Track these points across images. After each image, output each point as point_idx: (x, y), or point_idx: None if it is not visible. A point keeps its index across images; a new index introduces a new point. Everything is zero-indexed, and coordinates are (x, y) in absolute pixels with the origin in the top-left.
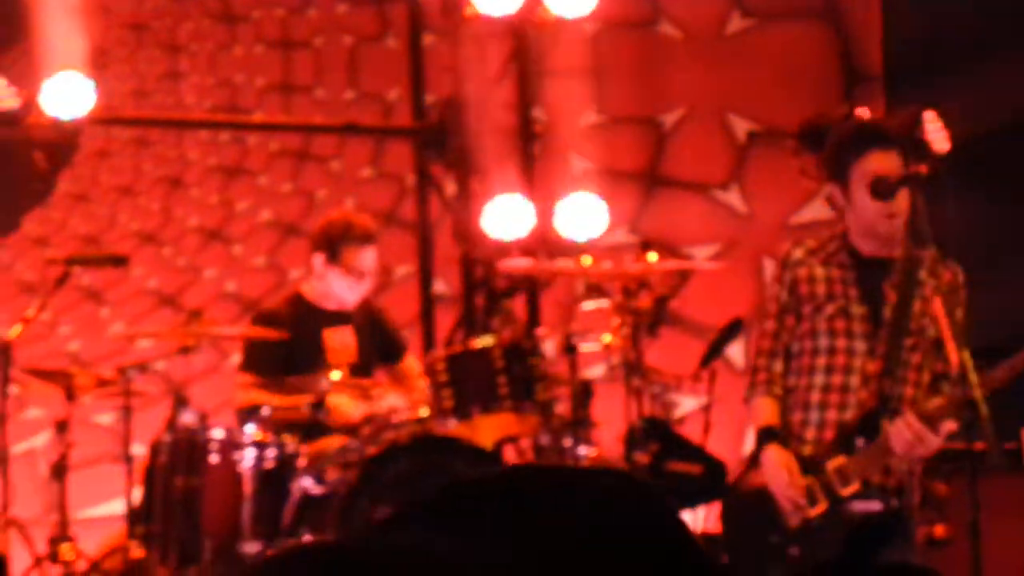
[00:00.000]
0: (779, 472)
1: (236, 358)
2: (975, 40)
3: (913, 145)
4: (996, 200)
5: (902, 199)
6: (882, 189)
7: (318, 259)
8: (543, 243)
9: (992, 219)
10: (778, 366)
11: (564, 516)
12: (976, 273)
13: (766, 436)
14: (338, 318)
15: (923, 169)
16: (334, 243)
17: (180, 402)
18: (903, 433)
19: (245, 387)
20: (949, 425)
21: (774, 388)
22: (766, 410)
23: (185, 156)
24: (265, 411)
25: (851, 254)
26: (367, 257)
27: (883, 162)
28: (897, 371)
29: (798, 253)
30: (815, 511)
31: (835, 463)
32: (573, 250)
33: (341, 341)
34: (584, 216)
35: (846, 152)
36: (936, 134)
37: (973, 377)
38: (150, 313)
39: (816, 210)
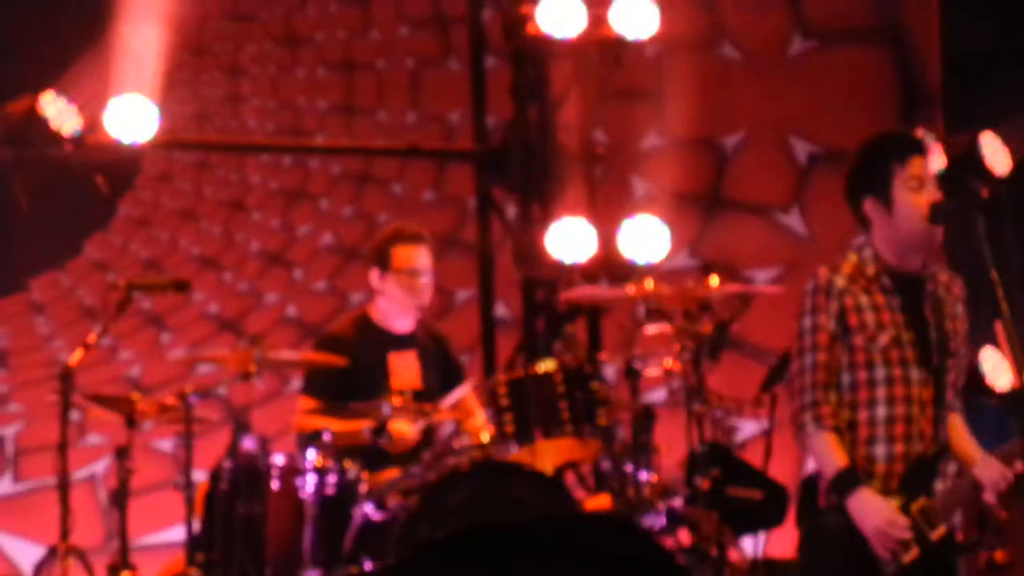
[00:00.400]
0: (877, 517)
1: (297, 383)
2: None
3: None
4: None
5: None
6: (940, 214)
7: (373, 275)
8: (605, 266)
9: None
10: (833, 398)
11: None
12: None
13: (851, 478)
14: (404, 342)
15: (984, 193)
16: (383, 250)
17: (241, 428)
18: (992, 473)
19: (306, 412)
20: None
21: (835, 422)
22: (836, 447)
23: (246, 180)
24: (326, 437)
25: (891, 276)
26: (418, 255)
27: (924, 168)
28: (945, 396)
29: (840, 281)
30: (909, 557)
31: (919, 504)
32: (635, 273)
33: (406, 366)
34: (646, 239)
35: (887, 160)
36: (995, 156)
37: None
38: (211, 338)
39: None
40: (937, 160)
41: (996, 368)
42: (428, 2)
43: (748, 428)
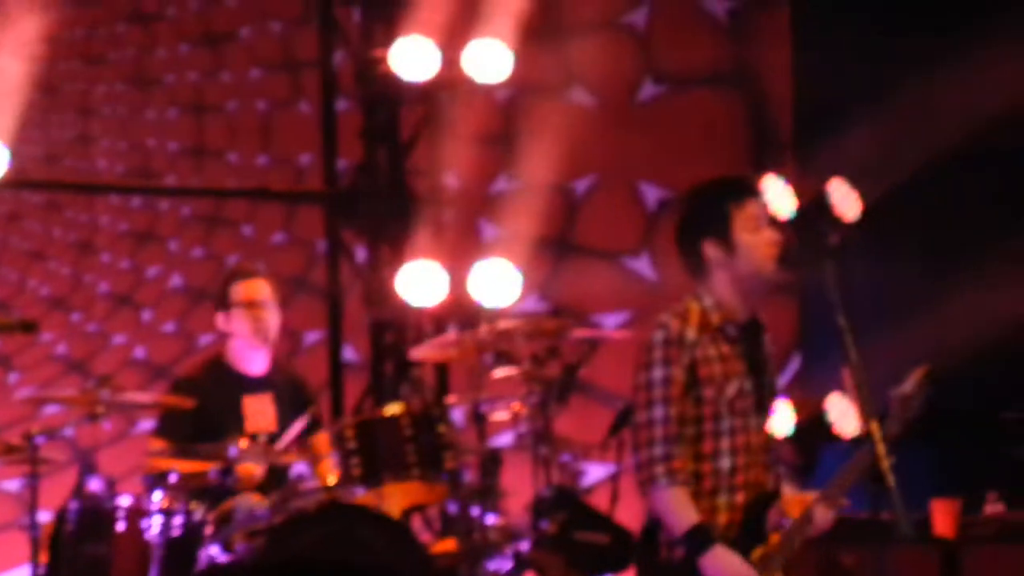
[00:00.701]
0: (734, 575)
1: (145, 424)
2: (881, 102)
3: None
4: (892, 259)
5: (779, 231)
6: (791, 259)
7: (219, 317)
8: (454, 310)
9: (891, 277)
10: (680, 452)
11: None
12: (873, 332)
13: (704, 536)
14: (259, 384)
15: (835, 240)
16: (222, 291)
17: (87, 469)
18: (826, 514)
19: (155, 453)
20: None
21: (684, 476)
22: (687, 503)
23: (96, 221)
24: (172, 478)
25: (733, 324)
26: (255, 288)
27: (760, 208)
28: (774, 441)
29: (691, 333)
30: None
31: (758, 553)
32: (484, 317)
33: (260, 408)
34: (496, 283)
35: (724, 202)
36: (844, 202)
37: (880, 448)
38: (59, 378)
39: None
40: (776, 201)
41: (843, 415)
42: (279, 45)
43: (595, 472)
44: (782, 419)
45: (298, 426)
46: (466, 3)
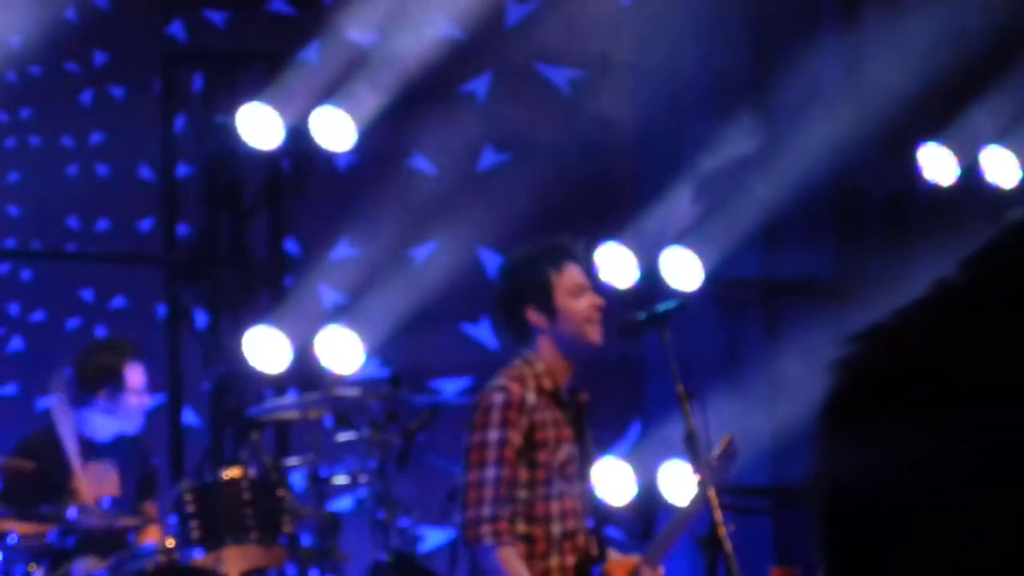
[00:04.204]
0: None
1: None
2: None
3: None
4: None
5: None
6: (629, 329)
7: (105, 392)
8: (296, 374)
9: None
10: (508, 513)
11: None
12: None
13: None
14: (103, 450)
15: (669, 309)
16: (116, 370)
17: None
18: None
19: None
20: None
21: (510, 538)
22: (517, 563)
23: None
24: (11, 539)
25: (561, 389)
26: (142, 372)
27: (578, 274)
28: (591, 506)
29: (531, 397)
30: None
31: None
32: (325, 382)
33: (103, 474)
34: (337, 348)
35: (543, 269)
36: (680, 275)
37: (718, 514)
38: None
39: None
40: (612, 269)
41: (680, 481)
42: (120, 109)
43: (434, 537)
44: (620, 485)
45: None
46: (309, 71)
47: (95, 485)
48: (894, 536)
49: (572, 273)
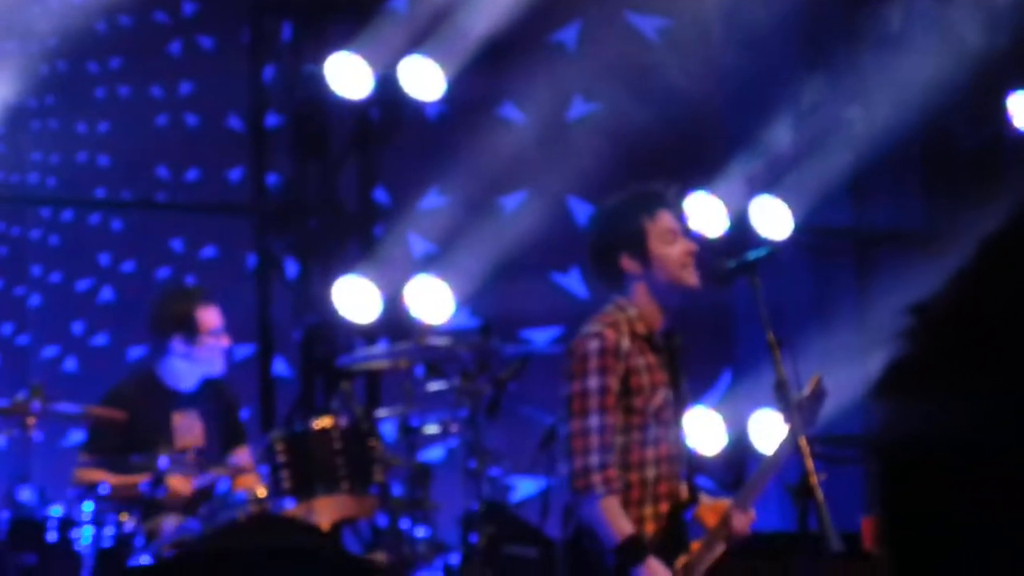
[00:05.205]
0: None
1: (75, 436)
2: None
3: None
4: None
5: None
6: (719, 277)
7: (178, 340)
8: (386, 325)
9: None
10: (614, 461)
11: None
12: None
13: (638, 547)
14: (188, 400)
15: (760, 257)
16: (188, 316)
17: (18, 479)
18: (743, 520)
19: (84, 465)
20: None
21: (618, 485)
22: (621, 513)
23: (26, 234)
24: (103, 489)
25: (655, 334)
26: (217, 315)
27: (673, 220)
28: (685, 451)
29: (625, 342)
30: None
31: (681, 562)
32: (416, 331)
33: (188, 424)
34: (427, 298)
35: (637, 216)
36: (769, 223)
37: (809, 463)
38: None
39: None
40: (703, 217)
41: (771, 430)
42: (208, 59)
43: (525, 487)
44: (711, 434)
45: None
46: (398, 20)
47: (181, 436)
48: (952, 488)
49: (664, 219)
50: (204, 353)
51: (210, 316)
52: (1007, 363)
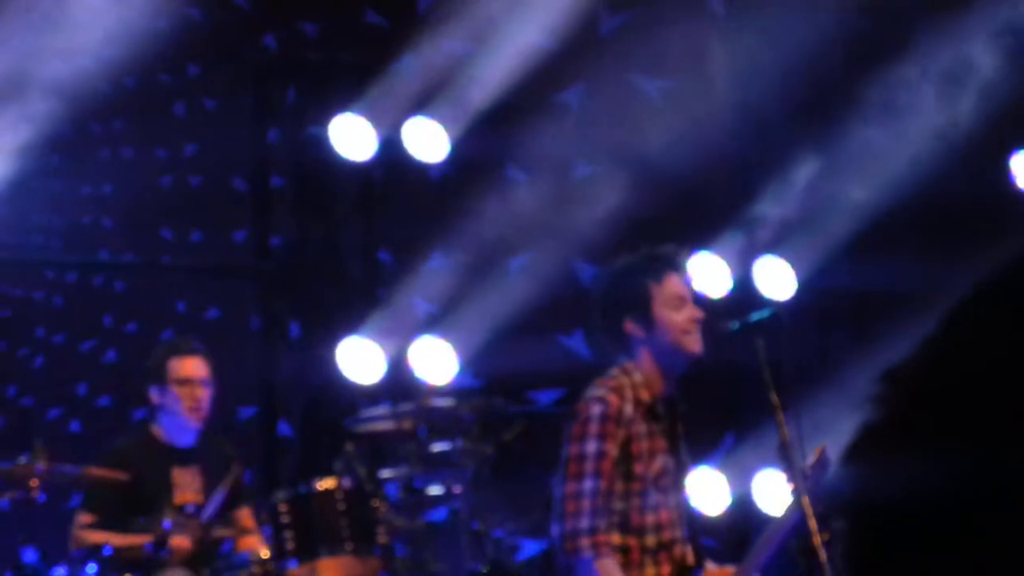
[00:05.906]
0: None
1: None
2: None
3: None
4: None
5: (699, 308)
6: (723, 339)
7: (153, 391)
8: (389, 386)
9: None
10: (606, 525)
11: None
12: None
13: None
14: (187, 457)
15: (764, 318)
16: (159, 365)
17: (21, 541)
18: None
19: (84, 526)
20: None
21: (608, 549)
22: (615, 571)
23: (30, 295)
24: (107, 551)
25: (658, 401)
26: (192, 365)
27: (680, 284)
28: (687, 516)
29: (628, 409)
30: None
31: None
32: (419, 393)
33: (187, 481)
34: (431, 360)
35: (643, 280)
36: (772, 284)
37: (813, 524)
38: None
39: None
40: (705, 280)
41: (773, 493)
42: (213, 121)
43: (529, 547)
44: (714, 495)
45: (220, 496)
46: (402, 82)
47: (180, 491)
48: (920, 548)
49: (672, 284)
50: (172, 403)
51: (183, 366)
52: (970, 427)
